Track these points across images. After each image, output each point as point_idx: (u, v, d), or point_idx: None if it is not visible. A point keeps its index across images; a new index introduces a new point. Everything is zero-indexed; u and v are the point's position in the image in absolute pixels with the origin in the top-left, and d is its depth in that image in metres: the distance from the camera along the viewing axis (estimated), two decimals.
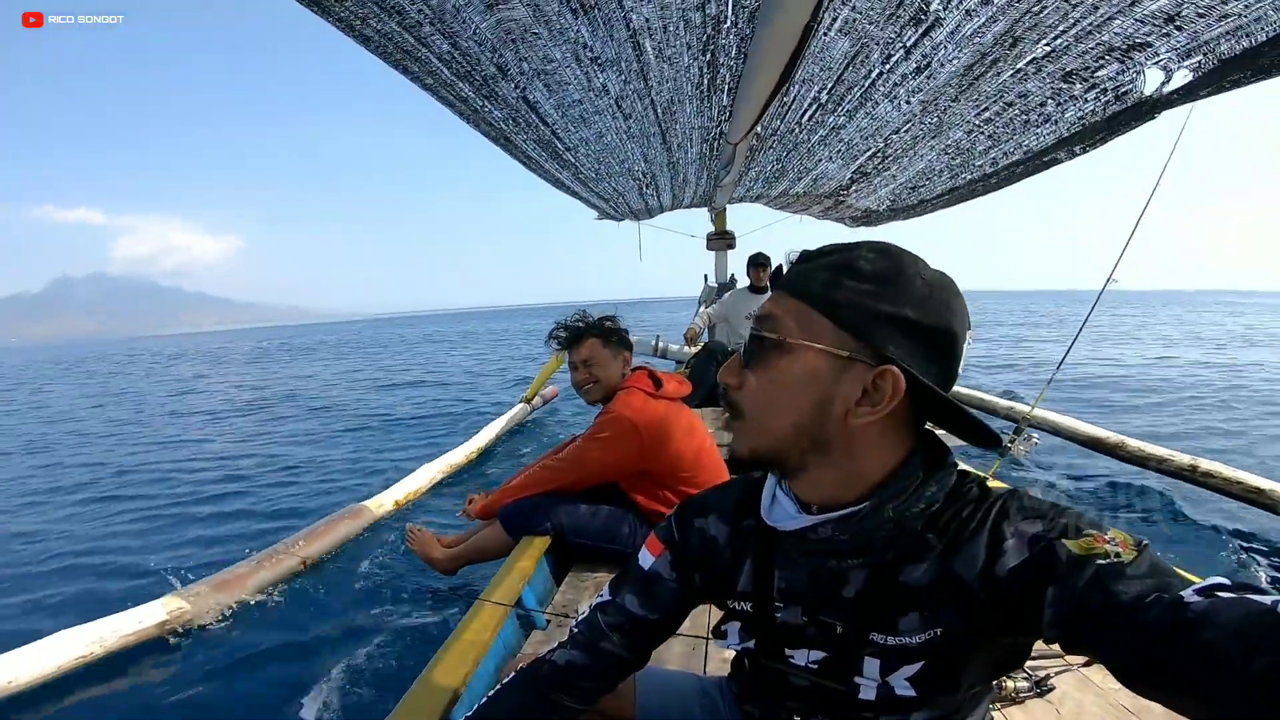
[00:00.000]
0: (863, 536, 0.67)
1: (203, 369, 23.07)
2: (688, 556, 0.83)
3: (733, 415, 0.72)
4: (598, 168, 2.39)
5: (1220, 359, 12.71)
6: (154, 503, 5.40)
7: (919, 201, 2.70)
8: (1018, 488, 0.70)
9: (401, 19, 1.21)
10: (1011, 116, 1.66)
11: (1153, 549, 0.55)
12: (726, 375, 0.72)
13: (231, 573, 3.02)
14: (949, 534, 0.65)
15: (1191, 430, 6.41)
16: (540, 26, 1.34)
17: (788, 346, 0.67)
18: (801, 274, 0.69)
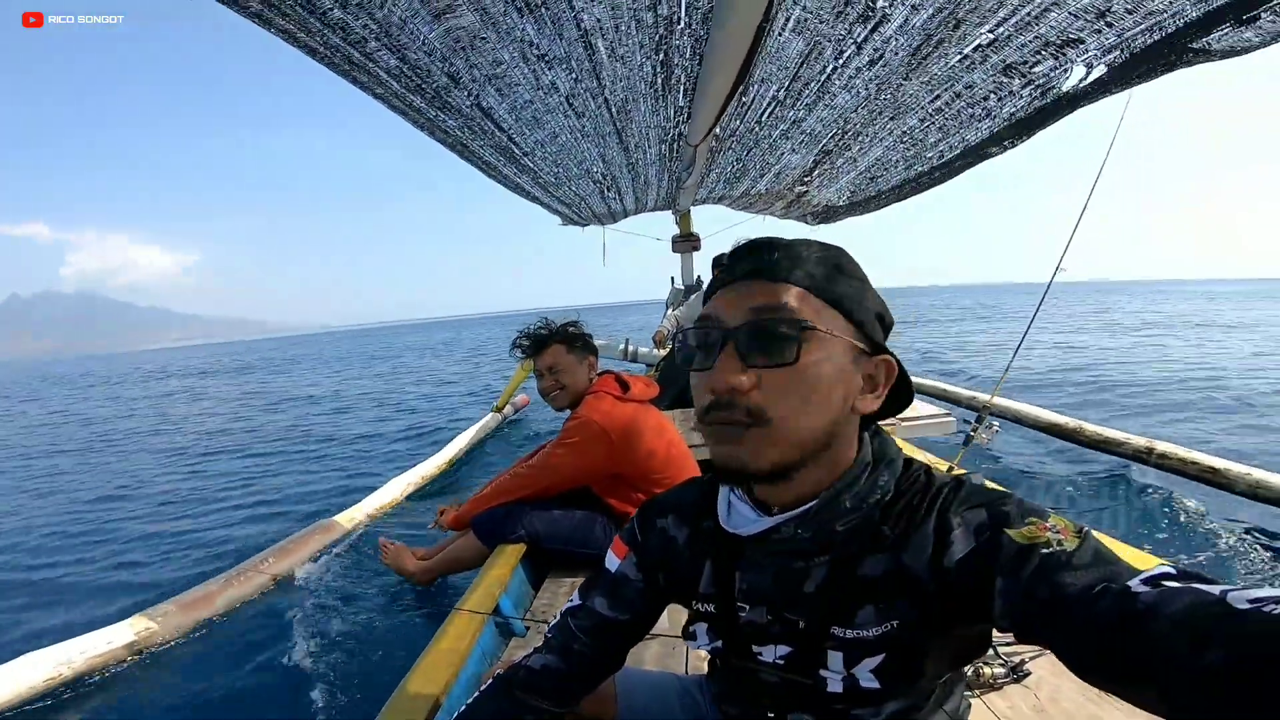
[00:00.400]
0: (825, 532, 0.67)
1: (154, 388, 22.43)
2: (651, 557, 0.83)
3: (749, 424, 0.62)
4: (556, 171, 2.39)
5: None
6: (118, 524, 5.24)
7: (876, 193, 2.75)
8: (962, 475, 0.70)
9: (345, 34, 1.19)
10: (959, 109, 1.71)
11: (1094, 535, 0.56)
12: (730, 376, 0.62)
13: (199, 592, 2.95)
14: (900, 524, 0.66)
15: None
16: (488, 30, 1.33)
17: (819, 338, 0.64)
18: (794, 264, 0.67)
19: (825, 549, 0.67)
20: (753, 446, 0.63)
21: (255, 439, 9.14)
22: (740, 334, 0.64)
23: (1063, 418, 4.68)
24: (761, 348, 0.63)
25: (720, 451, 0.65)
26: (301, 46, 1.25)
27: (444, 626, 1.68)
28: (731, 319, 0.65)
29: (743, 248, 0.70)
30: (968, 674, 1.45)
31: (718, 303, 0.68)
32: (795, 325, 0.63)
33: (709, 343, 0.66)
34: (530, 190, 2.61)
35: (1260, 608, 0.37)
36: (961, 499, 0.64)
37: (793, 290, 0.65)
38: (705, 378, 0.65)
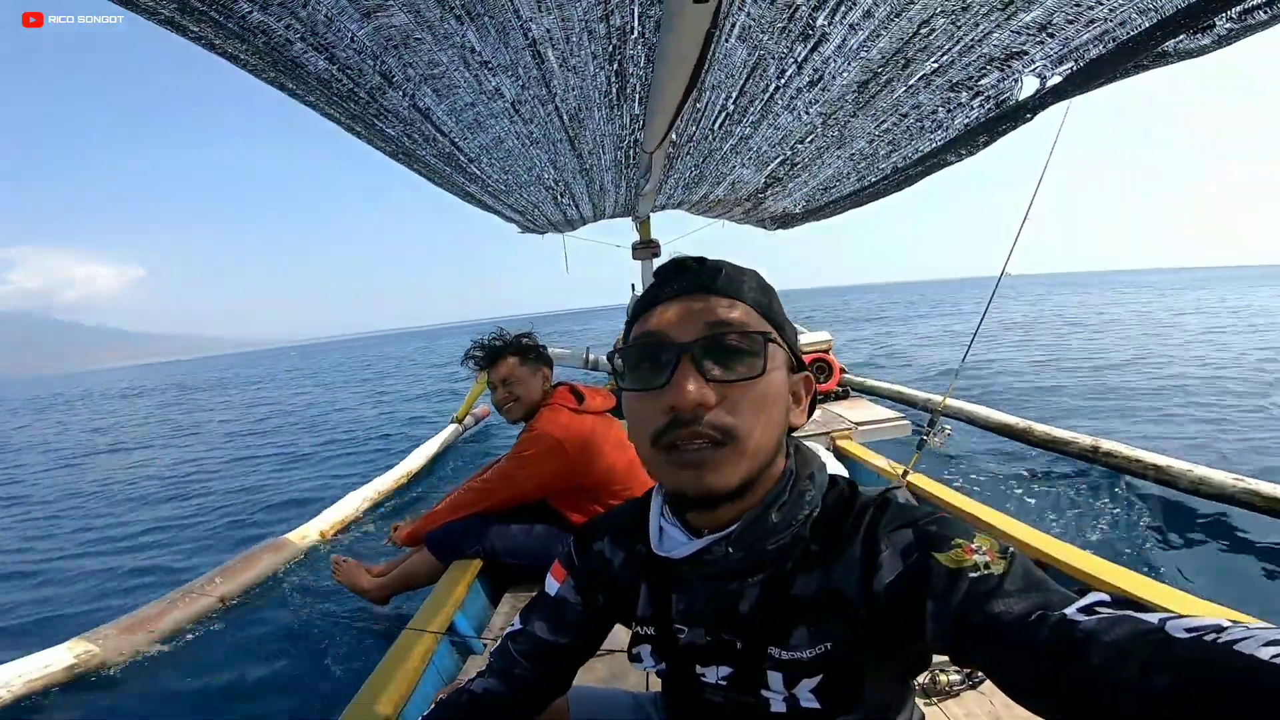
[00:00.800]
0: (755, 552, 0.65)
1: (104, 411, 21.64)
2: (589, 579, 0.82)
3: (719, 442, 0.60)
4: (505, 178, 2.33)
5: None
6: (57, 548, 5.01)
7: (830, 202, 2.78)
8: (887, 490, 0.70)
9: (268, 38, 1.13)
10: (909, 125, 1.72)
11: (1020, 556, 0.56)
12: (697, 394, 0.59)
13: (142, 614, 2.86)
14: (828, 543, 0.65)
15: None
16: (423, 31, 1.28)
17: (773, 352, 0.64)
18: (738, 282, 0.66)
19: (757, 568, 0.66)
20: (722, 467, 0.60)
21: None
22: (697, 348, 0.61)
23: (1013, 418, 4.81)
24: (724, 362, 0.62)
25: (686, 478, 0.61)
26: (221, 53, 1.19)
27: (395, 647, 1.64)
28: (684, 333, 0.63)
29: (682, 262, 0.69)
30: (923, 682, 1.46)
31: (662, 318, 0.66)
32: (760, 339, 0.62)
33: (660, 359, 0.64)
34: (480, 198, 2.56)
35: (1200, 637, 0.38)
36: (889, 519, 0.64)
37: (741, 306, 0.65)
38: (660, 396, 0.61)
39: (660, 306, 0.66)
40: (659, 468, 0.64)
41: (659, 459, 0.63)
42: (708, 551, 0.66)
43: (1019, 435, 4.66)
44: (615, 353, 0.69)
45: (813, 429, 3.50)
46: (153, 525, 5.48)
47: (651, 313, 0.66)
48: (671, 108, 1.90)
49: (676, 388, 0.59)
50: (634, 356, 0.66)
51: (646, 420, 0.63)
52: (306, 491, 6.13)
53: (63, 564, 4.61)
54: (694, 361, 0.61)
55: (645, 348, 0.65)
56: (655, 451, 0.63)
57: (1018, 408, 5.85)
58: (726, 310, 0.63)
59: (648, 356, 0.64)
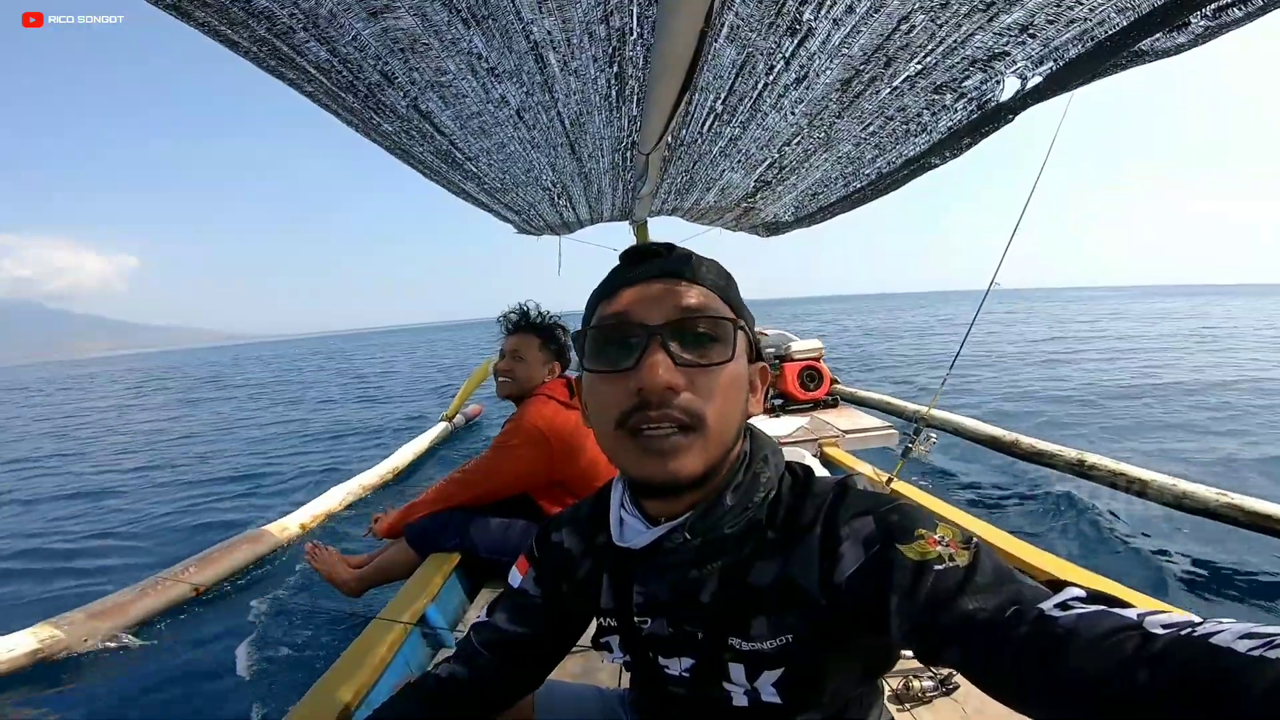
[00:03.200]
0: (712, 537, 0.66)
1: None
2: (549, 571, 0.83)
3: (688, 427, 0.60)
4: (502, 178, 2.35)
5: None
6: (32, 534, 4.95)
7: (819, 208, 2.80)
8: (847, 478, 0.70)
9: (271, 24, 1.15)
10: (894, 128, 1.75)
11: (984, 545, 0.56)
12: (668, 376, 0.59)
13: (112, 600, 2.85)
14: (785, 529, 0.66)
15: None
16: (430, 37, 1.30)
17: (740, 339, 0.64)
18: (703, 268, 0.68)
19: (715, 555, 0.66)
20: (688, 453, 0.61)
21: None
22: (667, 331, 0.61)
23: (999, 430, 4.82)
24: (693, 347, 0.62)
25: (651, 464, 0.61)
26: (223, 40, 1.20)
27: (363, 636, 1.64)
28: (653, 316, 0.63)
29: (650, 248, 0.70)
30: (894, 686, 1.46)
31: (629, 300, 0.67)
32: (729, 325, 0.63)
33: (628, 342, 0.65)
34: (476, 196, 2.57)
35: (1178, 632, 0.38)
36: (848, 505, 0.64)
37: (709, 293, 0.66)
38: (627, 378, 0.61)
39: (628, 289, 0.67)
40: (623, 453, 0.64)
41: (624, 443, 0.63)
42: (666, 539, 0.67)
43: (1006, 448, 4.67)
44: (578, 333, 0.70)
45: (801, 436, 3.51)
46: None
47: (619, 295, 0.67)
48: (667, 109, 1.92)
49: (646, 369, 0.60)
50: (600, 338, 0.66)
51: (611, 403, 0.63)
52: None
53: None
54: (663, 345, 0.61)
55: (613, 329, 0.65)
56: (619, 435, 0.63)
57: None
58: (695, 296, 0.64)
59: (615, 338, 0.65)
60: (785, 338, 5.27)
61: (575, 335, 0.71)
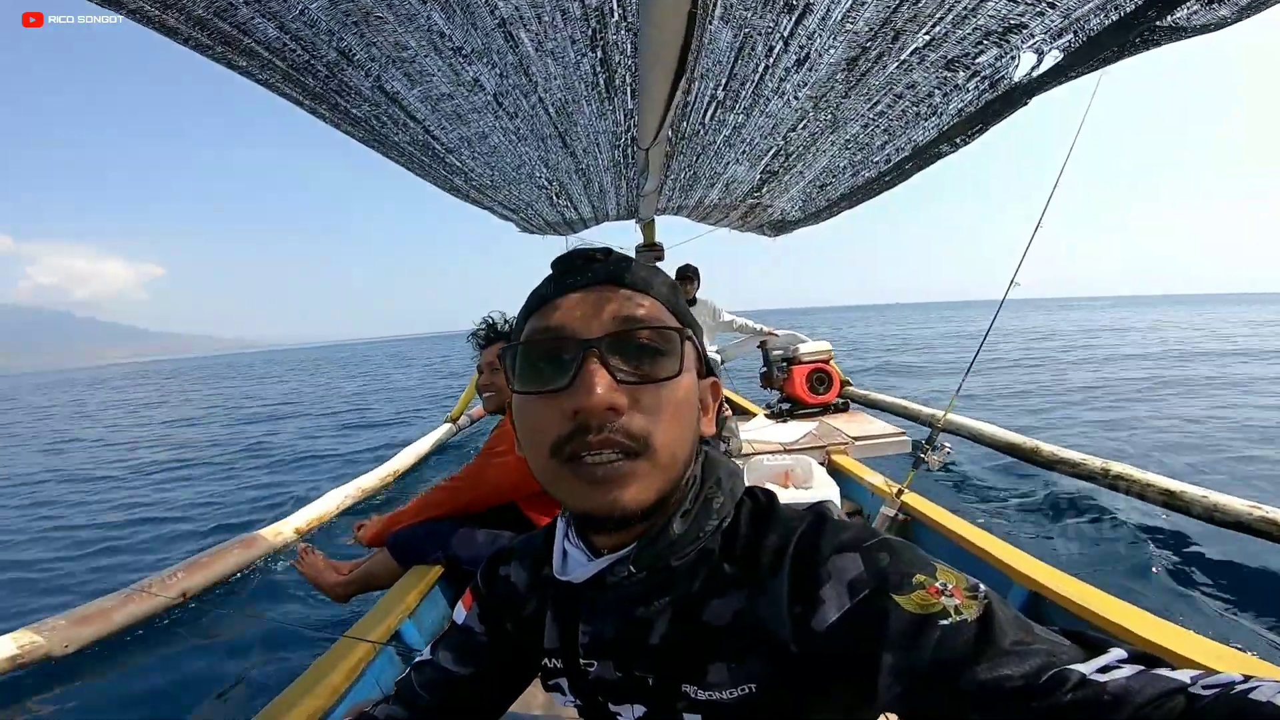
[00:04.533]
0: (660, 570, 0.58)
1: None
2: (494, 607, 0.75)
3: (635, 453, 0.52)
4: (491, 173, 2.26)
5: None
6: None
7: (827, 201, 2.68)
8: (822, 506, 0.61)
9: (210, 1, 1.06)
10: (903, 109, 1.63)
11: (992, 594, 0.48)
12: (607, 395, 0.51)
13: (96, 606, 2.78)
14: (746, 563, 0.57)
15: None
16: (383, 10, 1.20)
17: (688, 353, 0.57)
18: (648, 275, 0.60)
19: (663, 590, 0.58)
20: (636, 482, 0.53)
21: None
22: (606, 345, 0.54)
23: (1019, 437, 4.63)
24: (636, 361, 0.55)
25: (593, 496, 0.53)
26: (158, 27, 1.11)
27: (327, 655, 1.55)
28: (589, 328, 0.55)
29: (585, 253, 0.61)
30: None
31: (565, 311, 0.57)
32: (675, 336, 0.56)
33: (562, 357, 0.55)
34: (466, 191, 2.48)
35: (1227, 692, 0.36)
36: (827, 540, 0.55)
37: (653, 301, 0.59)
38: (562, 399, 0.53)
39: (561, 299, 0.58)
40: (561, 484, 0.56)
41: (560, 473, 0.55)
42: (609, 573, 0.60)
43: (1026, 455, 4.47)
44: (504, 350, 0.60)
45: (808, 442, 3.37)
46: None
47: (551, 306, 0.59)
48: (661, 99, 1.82)
49: (583, 389, 0.52)
50: (530, 354, 0.58)
51: (544, 427, 0.55)
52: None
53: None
54: (602, 360, 0.53)
55: (544, 344, 0.57)
56: (555, 464, 0.54)
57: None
58: (637, 305, 0.57)
59: (547, 354, 0.57)
60: (795, 338, 5.14)
61: (502, 353, 0.61)
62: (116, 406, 20.78)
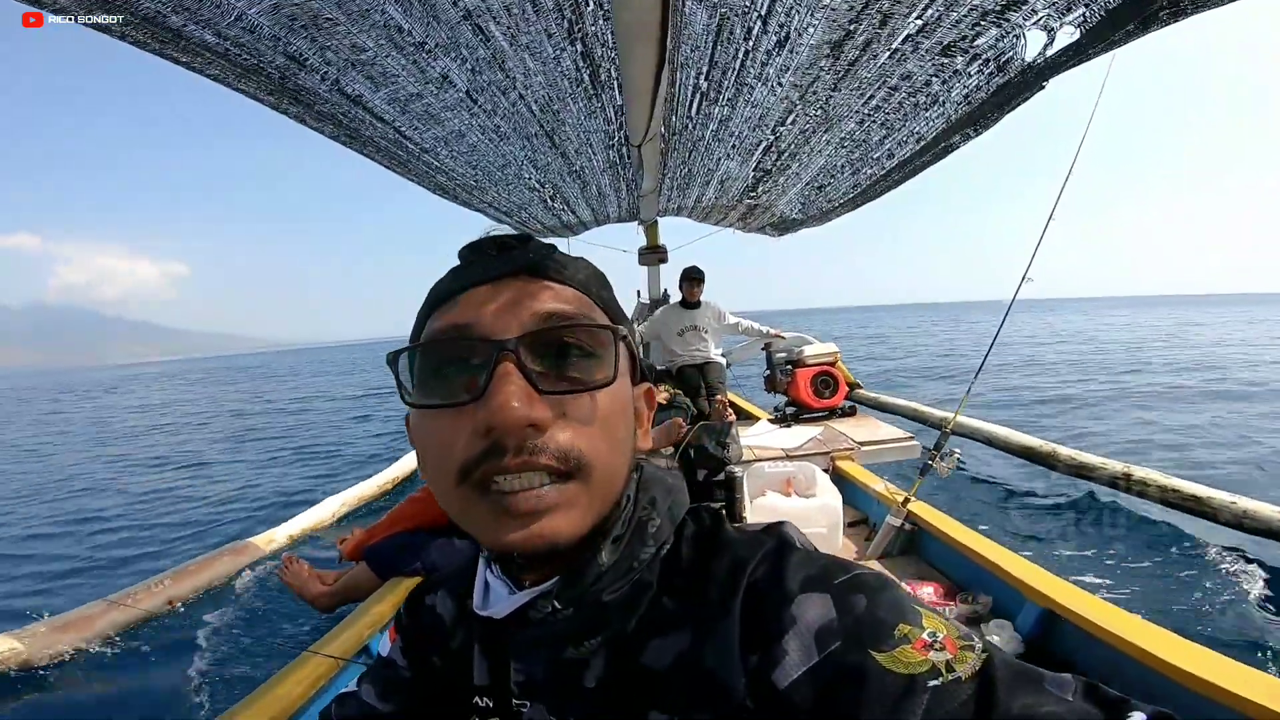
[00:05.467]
0: (590, 606, 0.49)
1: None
2: (418, 639, 0.67)
3: (566, 475, 0.44)
4: (474, 174, 2.18)
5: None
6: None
7: (828, 201, 2.58)
8: (782, 529, 0.51)
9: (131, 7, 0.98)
10: (900, 100, 1.53)
11: (994, 648, 0.39)
12: (526, 409, 0.42)
13: (79, 613, 2.75)
14: (690, 597, 0.48)
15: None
16: (333, 10, 1.12)
17: (615, 355, 0.48)
18: (570, 264, 0.51)
19: (595, 628, 0.50)
20: (566, 510, 0.44)
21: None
22: (524, 347, 0.45)
23: (1036, 440, 4.46)
24: (562, 366, 0.46)
25: (514, 530, 0.44)
26: (89, 24, 1.04)
27: (285, 668, 1.50)
28: (504, 327, 0.46)
29: (499, 239, 0.51)
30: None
31: (472, 307, 0.48)
32: (608, 335, 0.47)
33: (469, 363, 0.46)
34: (454, 192, 2.42)
35: None
36: (788, 574, 0.45)
37: (579, 295, 0.50)
38: (469, 414, 0.44)
39: (468, 293, 0.49)
40: (473, 516, 0.46)
41: (472, 503, 0.45)
42: (533, 608, 0.50)
43: (1043, 459, 4.31)
44: (394, 355, 0.50)
45: (812, 448, 3.25)
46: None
47: (456, 300, 0.49)
48: (647, 90, 1.74)
49: (496, 401, 0.42)
50: (430, 359, 0.48)
51: (448, 448, 0.45)
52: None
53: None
54: (520, 365, 0.44)
55: (447, 346, 0.47)
56: (465, 492, 0.45)
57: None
58: (561, 299, 0.48)
59: (451, 359, 0.47)
60: (803, 340, 5.02)
61: (390, 358, 0.50)
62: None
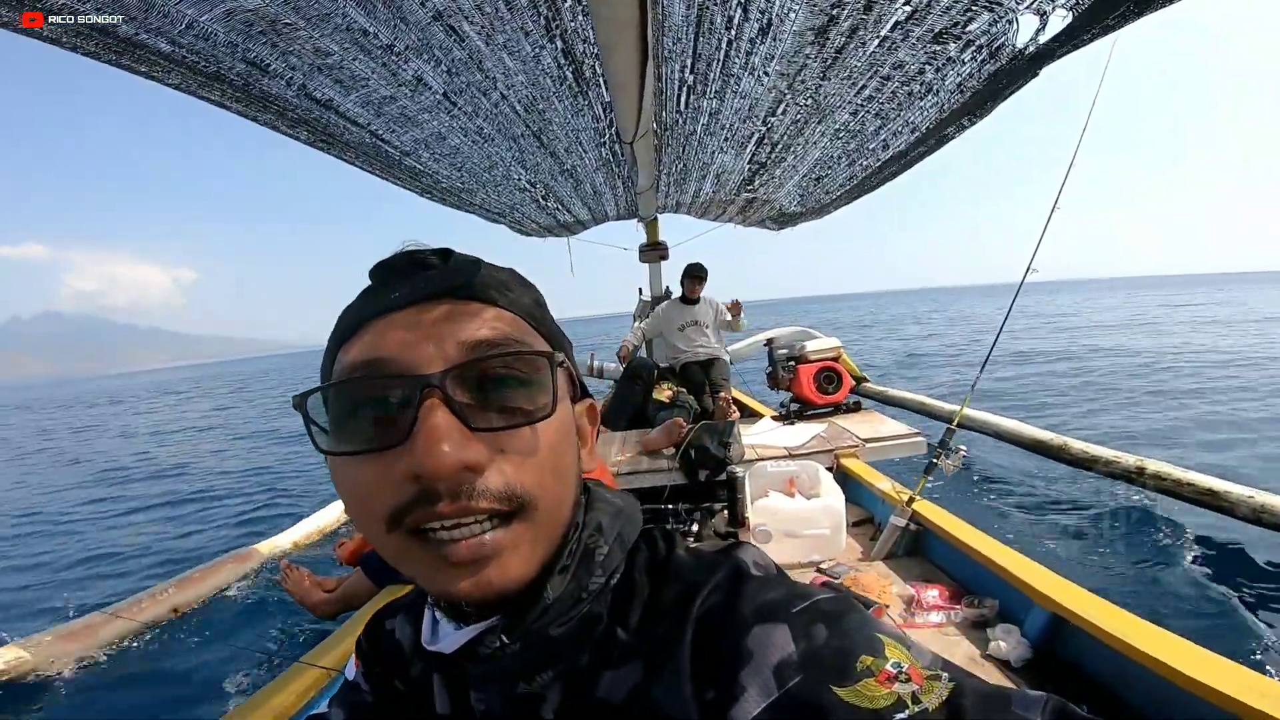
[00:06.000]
0: (538, 641, 0.46)
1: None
2: (379, 666, 0.64)
3: (509, 517, 0.41)
4: (460, 175, 2.14)
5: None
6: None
7: (826, 193, 2.52)
8: (737, 553, 0.47)
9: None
10: (894, 89, 1.47)
11: (962, 675, 0.38)
12: (458, 453, 0.38)
13: (84, 622, 2.76)
14: (643, 629, 0.45)
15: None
16: (291, 15, 1.07)
17: (554, 381, 0.44)
18: (497, 281, 0.46)
19: (544, 662, 0.46)
20: (513, 553, 0.41)
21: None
22: (451, 382, 0.40)
23: (1046, 433, 4.35)
24: (496, 399, 0.41)
25: (456, 579, 0.40)
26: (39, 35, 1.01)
27: (277, 682, 1.48)
28: (425, 360, 0.41)
29: (414, 256, 0.45)
30: None
31: (389, 337, 0.42)
32: (545, 362, 0.43)
33: (389, 402, 0.41)
34: (440, 195, 2.37)
35: None
36: (746, 604, 0.42)
37: (510, 316, 0.44)
38: (394, 459, 0.39)
39: (383, 320, 0.43)
40: (410, 562, 0.42)
41: (406, 549, 0.41)
42: (481, 644, 0.46)
43: (1053, 452, 4.20)
44: (304, 398, 0.44)
45: (815, 446, 3.19)
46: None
47: (369, 331, 0.43)
48: (633, 87, 1.69)
49: (423, 446, 0.37)
50: (343, 401, 0.42)
51: (373, 497, 0.40)
52: None
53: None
54: (448, 402, 0.39)
55: (362, 386, 0.42)
56: (398, 539, 0.40)
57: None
58: (490, 324, 0.43)
59: (367, 399, 0.42)
60: (806, 334, 4.94)
61: (296, 402, 0.44)
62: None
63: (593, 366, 5.92)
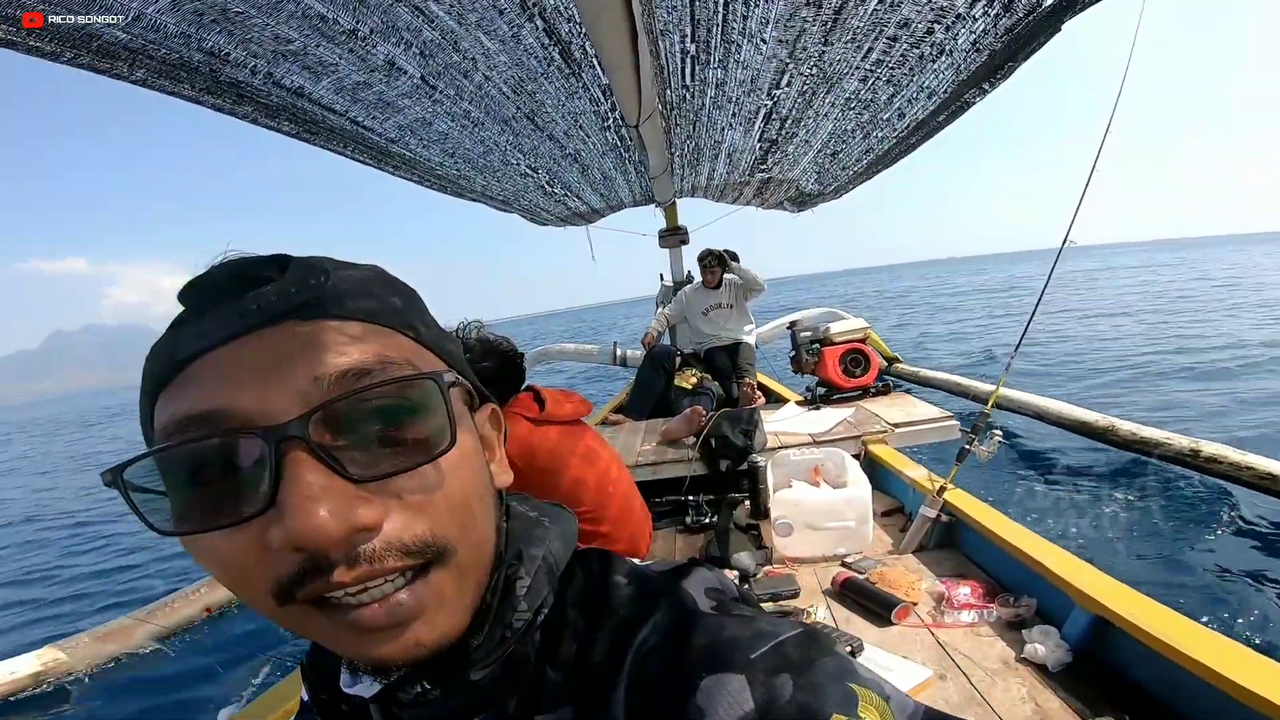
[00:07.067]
0: (459, 686, 0.38)
1: None
2: (324, 691, 0.60)
3: (424, 568, 0.34)
4: (454, 162, 2.07)
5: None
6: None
7: (842, 169, 2.38)
8: (682, 581, 0.42)
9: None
10: (903, 52, 1.35)
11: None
12: (346, 512, 0.31)
13: (119, 623, 2.86)
14: (576, 670, 0.39)
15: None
16: (240, 4, 1.00)
17: (447, 401, 0.35)
18: (352, 287, 0.36)
19: (473, 709, 0.39)
20: (441, 606, 0.34)
21: None
22: (315, 427, 0.31)
23: (1091, 413, 4.10)
24: (378, 434, 0.33)
25: (379, 645, 0.33)
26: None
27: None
28: (277, 405, 0.32)
29: (246, 266, 0.36)
30: None
31: (219, 378, 0.32)
32: (432, 384, 0.35)
33: (233, 464, 0.32)
34: (439, 184, 2.31)
35: None
36: (695, 648, 0.35)
37: (379, 330, 0.36)
38: (260, 529, 0.31)
39: (208, 360, 0.33)
40: (314, 633, 0.34)
41: (306, 621, 0.33)
42: (401, 690, 0.39)
43: (1099, 434, 3.94)
44: (118, 471, 0.34)
45: (842, 432, 3.05)
46: None
47: (190, 375, 0.33)
48: (628, 66, 1.60)
49: (294, 512, 0.29)
50: (174, 470, 0.33)
51: (250, 572, 0.32)
52: None
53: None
54: (316, 454, 0.30)
55: (197, 450, 0.32)
56: (293, 612, 0.33)
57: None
58: (356, 345, 0.33)
59: (206, 462, 0.32)
60: (833, 315, 4.78)
61: (108, 479, 0.34)
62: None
63: (616, 355, 5.85)
